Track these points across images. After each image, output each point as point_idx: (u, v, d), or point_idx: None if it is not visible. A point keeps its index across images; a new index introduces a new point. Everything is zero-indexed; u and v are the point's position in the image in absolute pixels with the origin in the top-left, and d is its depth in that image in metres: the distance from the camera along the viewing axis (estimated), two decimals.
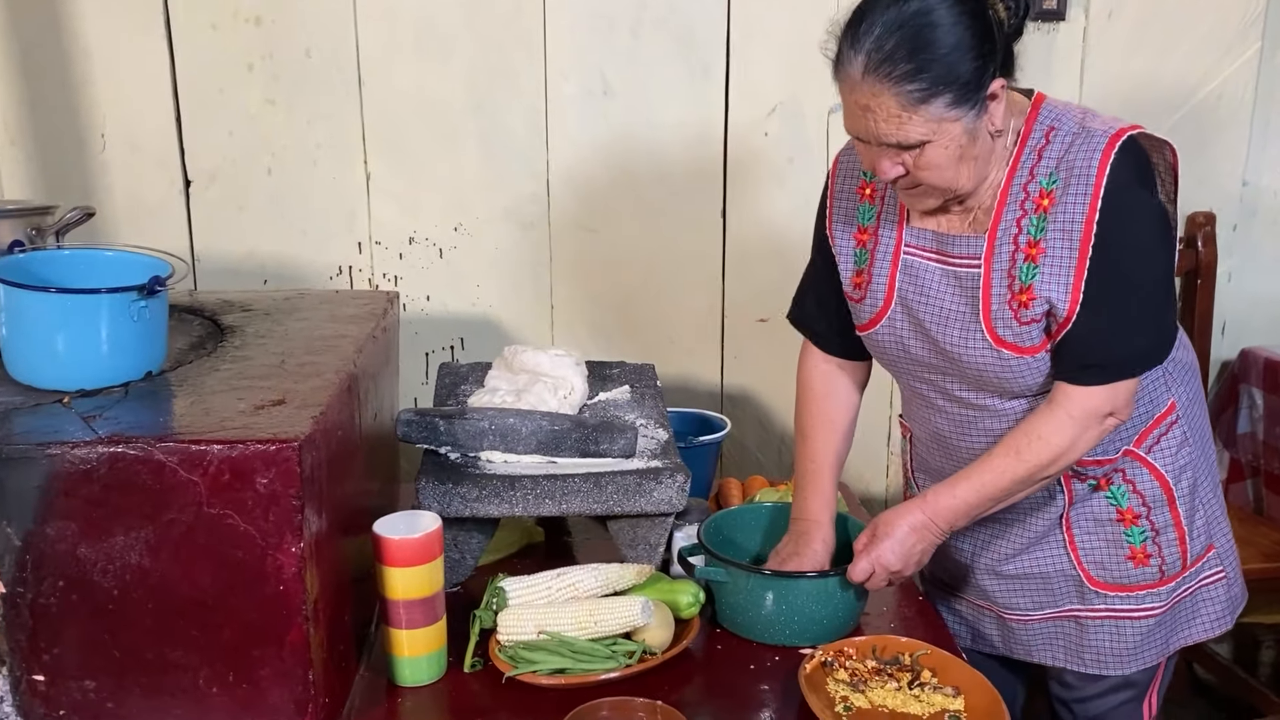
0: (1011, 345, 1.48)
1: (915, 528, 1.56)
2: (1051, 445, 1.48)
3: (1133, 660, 1.62)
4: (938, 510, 1.55)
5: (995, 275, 1.48)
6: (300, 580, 1.30)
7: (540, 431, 1.71)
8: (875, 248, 1.60)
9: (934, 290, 1.54)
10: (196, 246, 2.48)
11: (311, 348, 1.65)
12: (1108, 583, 1.61)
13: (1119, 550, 1.60)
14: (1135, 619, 1.61)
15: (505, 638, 1.55)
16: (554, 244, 2.48)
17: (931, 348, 1.56)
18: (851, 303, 1.65)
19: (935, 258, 1.54)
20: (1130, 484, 1.59)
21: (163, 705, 1.32)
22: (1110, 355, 1.45)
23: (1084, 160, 1.42)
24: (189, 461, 1.26)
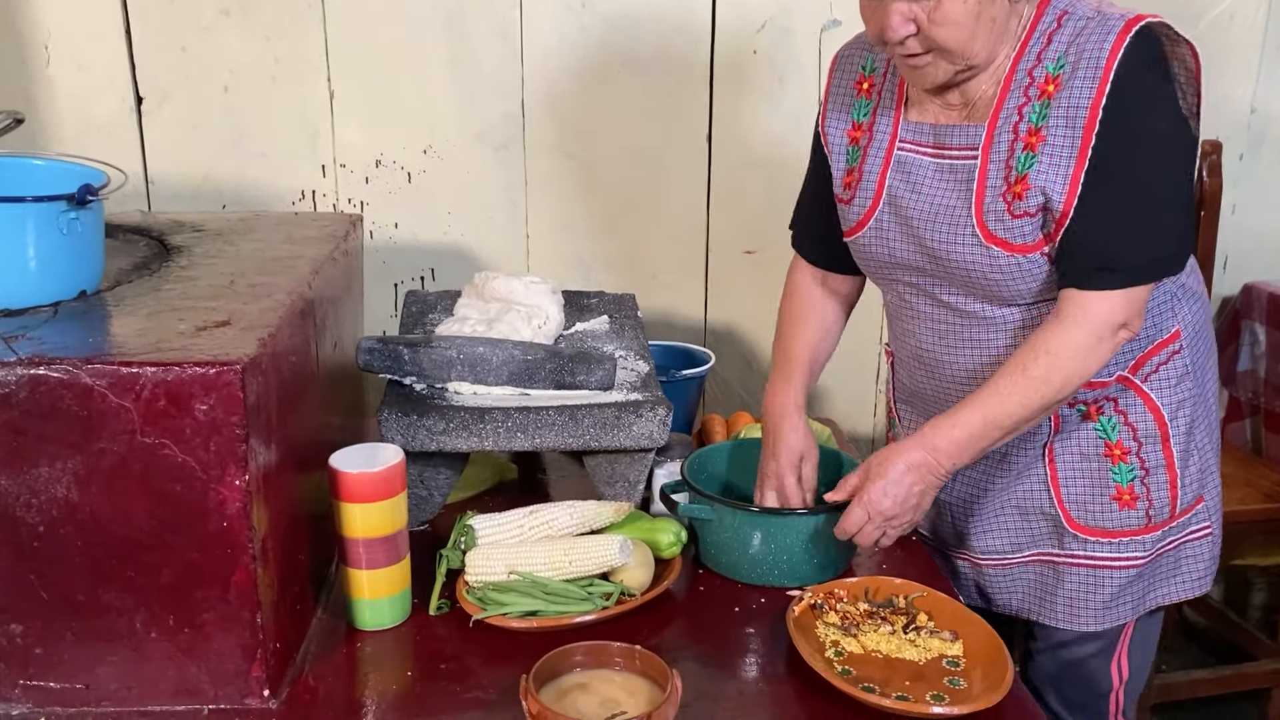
0: (1002, 242, 1.38)
1: (913, 466, 1.41)
2: (1062, 359, 1.35)
3: (1105, 615, 1.51)
4: (937, 444, 1.40)
5: (992, 166, 1.38)
6: (245, 517, 1.19)
7: (512, 361, 1.60)
8: (869, 144, 1.50)
9: (926, 186, 1.44)
10: (150, 169, 2.33)
11: (264, 269, 1.53)
12: (1088, 525, 1.49)
13: (1104, 489, 1.48)
14: (1114, 568, 1.49)
15: (474, 578, 1.45)
16: (529, 168, 2.35)
17: (918, 249, 1.46)
18: (841, 206, 1.56)
19: (931, 151, 1.44)
20: (1122, 415, 1.47)
21: (97, 651, 1.22)
22: (1120, 255, 1.33)
23: (1095, 44, 1.31)
24: (119, 386, 1.15)
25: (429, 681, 1.32)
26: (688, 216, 2.41)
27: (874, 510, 1.41)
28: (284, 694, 1.28)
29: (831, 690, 1.27)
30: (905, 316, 1.55)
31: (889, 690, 1.29)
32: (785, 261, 2.47)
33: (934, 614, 1.43)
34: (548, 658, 1.23)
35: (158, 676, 1.23)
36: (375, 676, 1.34)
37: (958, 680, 1.32)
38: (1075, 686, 1.56)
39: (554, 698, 1.22)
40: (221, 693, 1.24)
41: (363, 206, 2.37)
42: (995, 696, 1.24)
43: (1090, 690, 1.55)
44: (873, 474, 1.42)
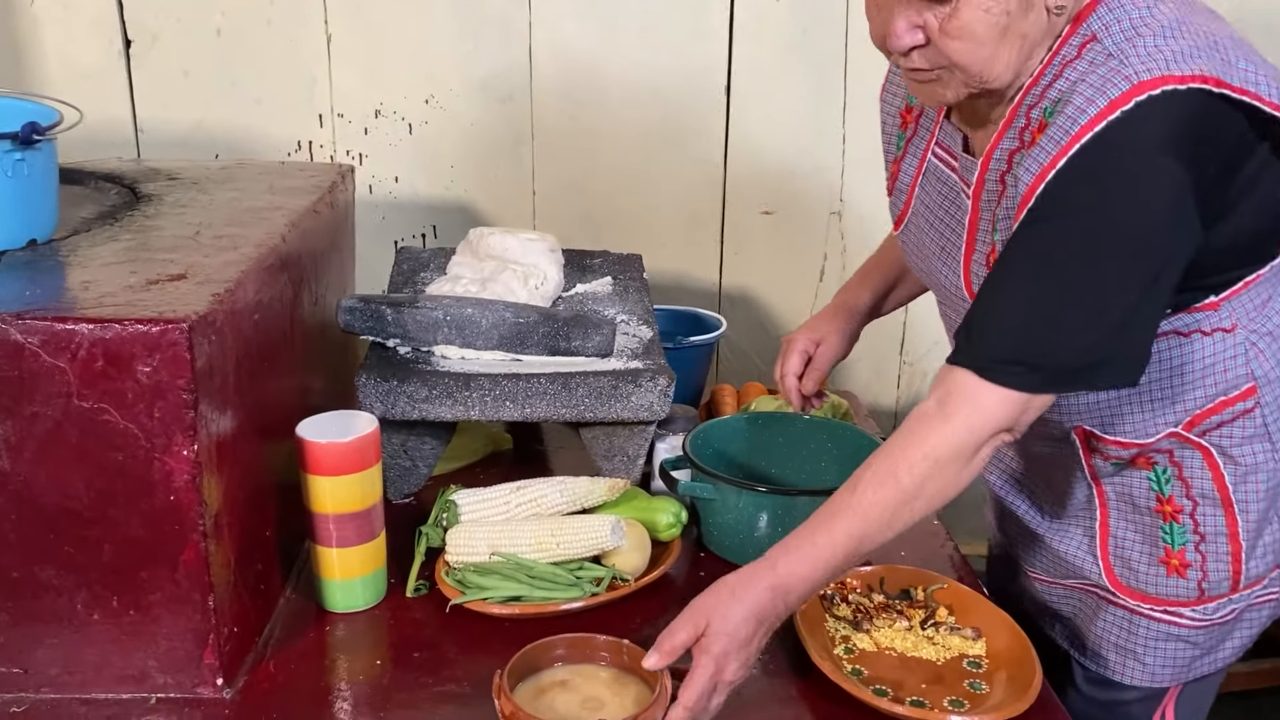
0: None
1: (763, 615, 1.08)
2: (941, 467, 1.08)
3: (1137, 669, 1.28)
4: (789, 582, 1.09)
5: (983, 216, 1.17)
6: (194, 489, 1.08)
7: (502, 324, 1.48)
8: (912, 137, 1.31)
9: (942, 210, 1.25)
10: (140, 116, 2.22)
11: (236, 220, 1.41)
12: (1130, 587, 1.26)
13: (1152, 549, 1.24)
14: (1155, 619, 1.26)
15: (454, 559, 1.34)
16: (536, 120, 2.22)
17: (935, 275, 1.29)
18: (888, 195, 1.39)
19: (953, 165, 1.24)
20: (1177, 467, 1.22)
21: (35, 633, 1.12)
22: (1038, 350, 1.06)
23: (1083, 99, 1.03)
24: (53, 343, 1.04)
25: (400, 671, 1.21)
26: (703, 173, 2.28)
27: (722, 681, 1.08)
28: (240, 682, 1.17)
29: (839, 692, 1.15)
30: (947, 326, 1.37)
31: (902, 694, 1.17)
32: (805, 223, 2.34)
33: (955, 608, 1.31)
34: (524, 652, 1.12)
35: (101, 662, 1.13)
36: (342, 665, 1.23)
37: (979, 684, 1.20)
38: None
39: (531, 695, 1.11)
40: (171, 680, 1.14)
41: (361, 159, 2.25)
42: (1021, 705, 1.12)
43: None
44: (713, 634, 1.07)
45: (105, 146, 2.17)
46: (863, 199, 2.30)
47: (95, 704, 1.13)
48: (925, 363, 2.43)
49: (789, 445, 1.57)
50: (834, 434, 1.55)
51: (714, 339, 1.86)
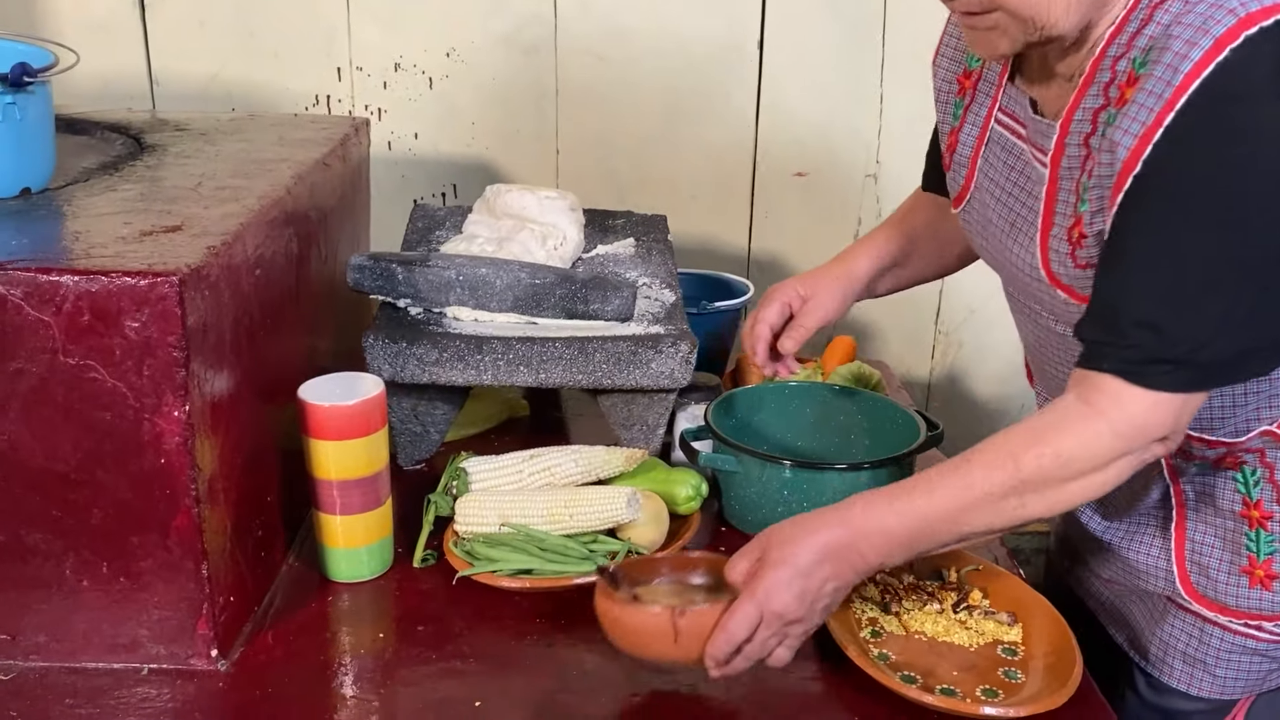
0: (1067, 289, 1.07)
1: (831, 553, 1.01)
2: (1071, 469, 0.98)
3: (1207, 680, 1.19)
4: (868, 531, 1.02)
5: (1063, 185, 1.05)
6: (186, 452, 1.02)
7: (518, 285, 1.41)
8: (970, 104, 1.20)
9: (1009, 182, 1.13)
10: (154, 67, 2.16)
11: (241, 171, 1.35)
12: (1207, 597, 1.17)
13: (1234, 556, 1.15)
14: (1230, 631, 1.17)
15: (463, 529, 1.28)
16: (561, 74, 2.14)
17: (999, 255, 1.17)
18: (945, 170, 1.27)
19: (1021, 133, 1.13)
20: (1269, 469, 1.13)
21: (22, 599, 1.07)
22: (1188, 344, 0.95)
23: (1182, 42, 0.91)
24: (37, 296, 0.98)
25: (403, 645, 1.16)
26: (734, 132, 2.19)
27: (770, 610, 1.00)
28: (236, 653, 1.12)
29: (865, 679, 1.08)
30: (1012, 307, 1.27)
31: (932, 681, 1.10)
32: (840, 187, 2.25)
33: (990, 591, 1.24)
34: (630, 562, 1.12)
35: (91, 630, 1.08)
36: (344, 636, 1.18)
37: (1014, 672, 1.13)
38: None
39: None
40: (163, 651, 1.09)
41: (380, 114, 2.18)
42: (1059, 697, 1.05)
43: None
44: (771, 558, 1.02)
45: (120, 99, 2.12)
46: (900, 162, 2.20)
47: (85, 673, 1.08)
48: (961, 332, 2.34)
49: (817, 417, 1.49)
50: (865, 406, 1.48)
51: (740, 305, 1.79)
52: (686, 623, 1.01)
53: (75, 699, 1.05)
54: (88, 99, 1.78)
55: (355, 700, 1.08)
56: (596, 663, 1.14)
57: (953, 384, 2.40)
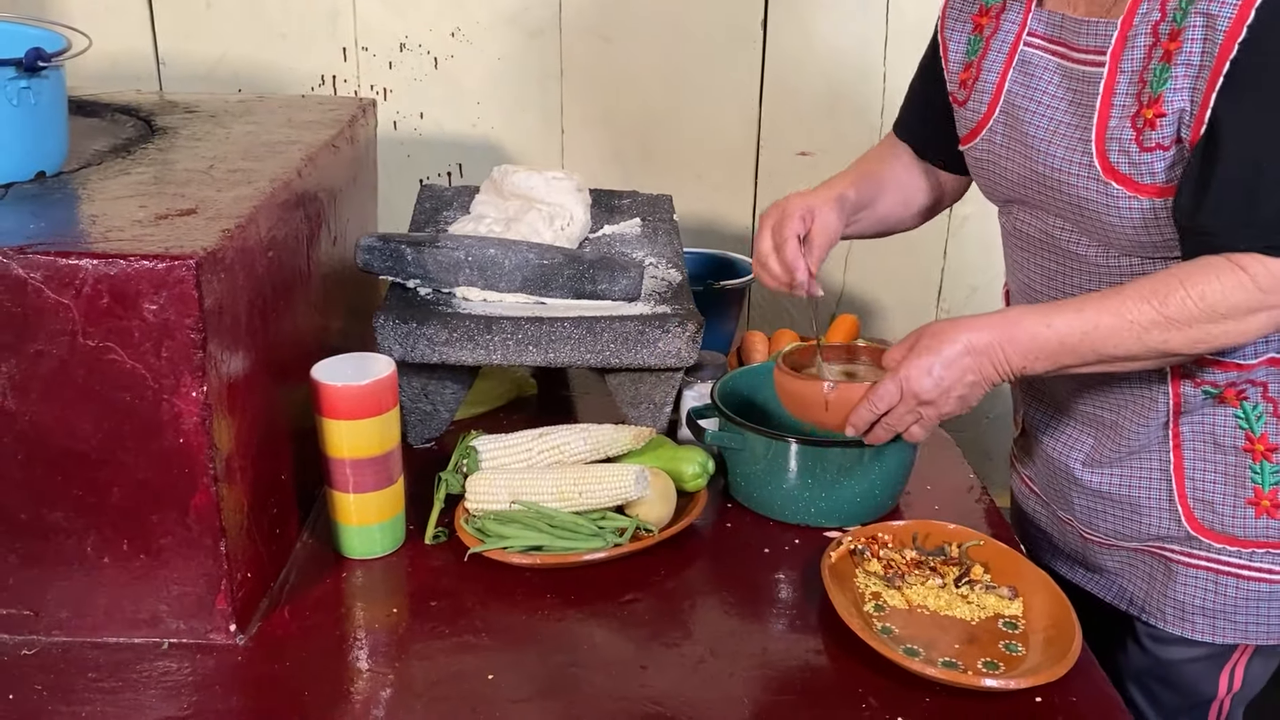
0: (1125, 179, 1.11)
1: (976, 350, 1.10)
2: (1213, 316, 1.05)
3: (1223, 627, 1.23)
4: (1016, 336, 1.10)
5: (1122, 78, 1.10)
6: (204, 432, 1.04)
7: (526, 266, 1.43)
8: (993, 34, 1.24)
9: (1047, 94, 1.18)
10: (161, 49, 2.17)
11: (252, 154, 1.36)
12: (1214, 530, 1.21)
13: (1239, 489, 1.19)
14: (1242, 577, 1.21)
15: (474, 506, 1.30)
16: (565, 54, 2.15)
17: (1030, 173, 1.21)
18: (955, 109, 1.31)
19: (1058, 50, 1.17)
20: (1272, 403, 1.17)
21: (44, 576, 1.09)
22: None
23: None
24: (57, 279, 1.00)
25: (416, 620, 1.18)
26: (738, 111, 2.20)
27: (909, 389, 1.13)
28: (254, 628, 1.15)
29: (868, 651, 1.11)
30: (1015, 245, 1.31)
31: (934, 654, 1.13)
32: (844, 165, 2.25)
33: (991, 566, 1.26)
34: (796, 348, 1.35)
35: (112, 606, 1.11)
36: (358, 612, 1.20)
37: (1015, 645, 1.15)
38: (1170, 689, 1.31)
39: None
40: (183, 626, 1.12)
41: (386, 94, 2.19)
42: (1059, 669, 1.07)
43: (1188, 696, 1.31)
44: (921, 347, 1.13)
45: (127, 80, 2.12)
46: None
47: (106, 648, 1.11)
48: (963, 310, 2.35)
49: None
50: None
51: (745, 284, 1.80)
52: (836, 396, 1.22)
53: (98, 673, 1.08)
54: (95, 80, 1.79)
55: (370, 674, 1.10)
56: (606, 637, 1.16)
57: None
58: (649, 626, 1.18)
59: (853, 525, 1.35)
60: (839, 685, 1.10)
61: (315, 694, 1.07)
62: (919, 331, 1.16)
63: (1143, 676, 1.32)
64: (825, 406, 1.22)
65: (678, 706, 1.06)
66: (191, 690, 1.07)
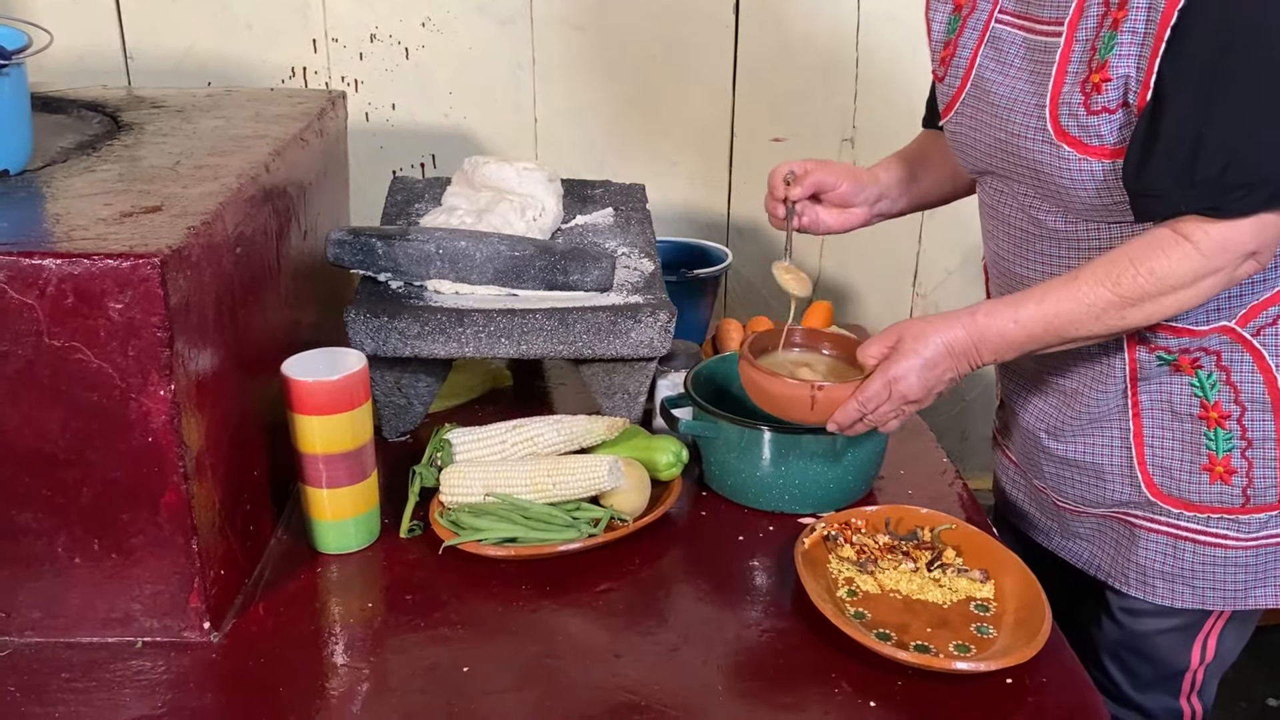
0: (1075, 141, 1.14)
1: (954, 351, 1.17)
2: (1164, 287, 1.10)
3: (1185, 592, 1.27)
4: (987, 335, 1.16)
5: (1077, 46, 1.14)
6: (173, 430, 1.04)
7: (498, 258, 1.43)
8: (970, 14, 1.28)
9: (1012, 66, 1.22)
10: (128, 41, 2.15)
11: (219, 149, 1.35)
12: (1172, 495, 1.25)
13: (1194, 456, 1.24)
14: (1200, 543, 1.25)
15: (448, 499, 1.30)
16: (537, 43, 2.14)
17: (996, 143, 1.24)
18: (936, 83, 1.35)
19: (1024, 24, 1.21)
20: (1224, 372, 1.21)
21: (15, 576, 1.09)
22: (1256, 166, 1.05)
23: None
24: (21, 279, 0.99)
25: (391, 614, 1.18)
26: (711, 99, 2.20)
27: (898, 390, 1.18)
28: (228, 625, 1.15)
29: (841, 636, 1.12)
30: (988, 216, 1.35)
31: (907, 638, 1.14)
32: (817, 151, 2.26)
33: (963, 550, 1.27)
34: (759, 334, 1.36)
35: (84, 605, 1.10)
36: (333, 607, 1.20)
37: (986, 628, 1.16)
38: (1143, 661, 1.34)
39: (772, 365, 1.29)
40: (156, 624, 1.11)
41: (357, 85, 2.18)
42: (1029, 650, 1.08)
43: (1161, 667, 1.34)
44: (904, 348, 1.19)
45: (95, 75, 2.11)
46: (875, 125, 2.22)
47: (80, 648, 1.10)
48: (939, 294, 2.37)
49: None
50: None
51: (719, 272, 1.81)
52: (823, 396, 1.22)
53: (71, 673, 1.08)
54: (61, 75, 1.77)
55: (346, 668, 1.11)
56: (582, 627, 1.17)
57: None
58: (624, 616, 1.18)
59: (826, 511, 1.35)
60: (812, 670, 1.10)
61: (291, 690, 1.07)
62: (897, 331, 1.20)
63: (1117, 649, 1.35)
64: (811, 406, 1.23)
65: (652, 694, 1.07)
66: (166, 689, 1.07)
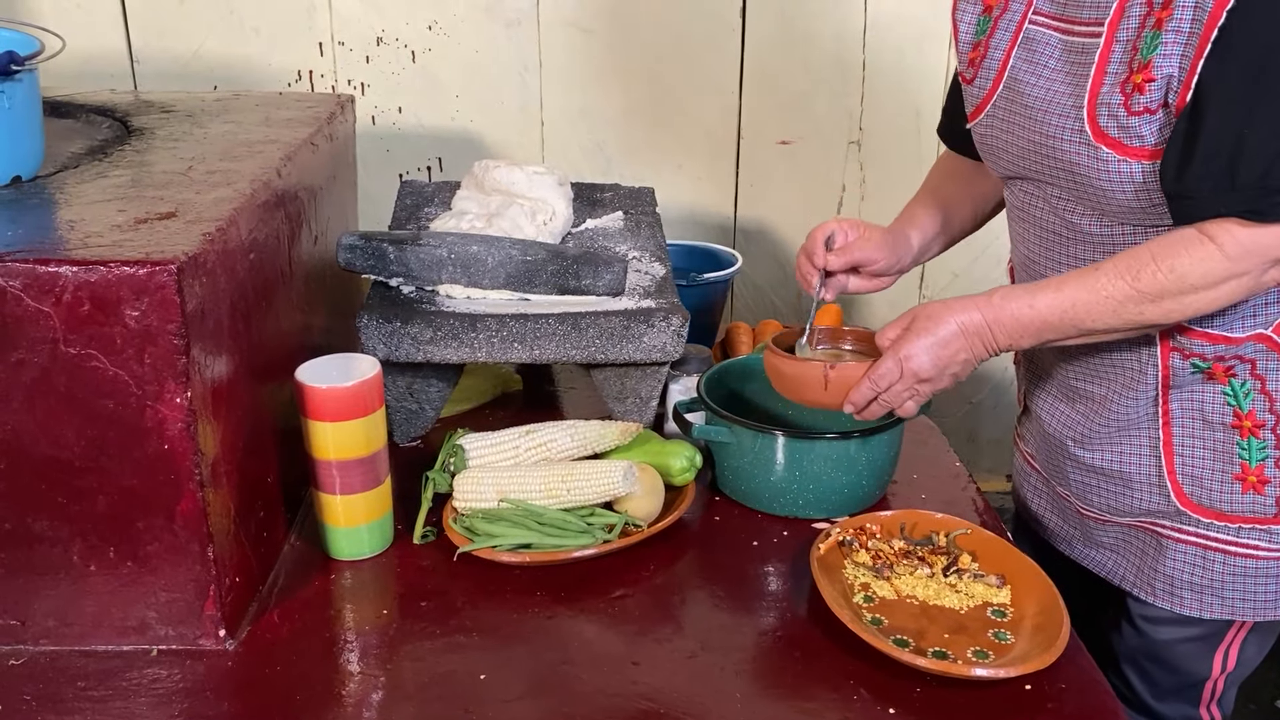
0: (1114, 142, 1.12)
1: (968, 331, 1.17)
2: (1185, 285, 1.09)
3: (1213, 602, 1.25)
4: (1002, 318, 1.16)
5: (1117, 47, 1.12)
6: (189, 438, 1.04)
7: (510, 262, 1.42)
8: (1002, 14, 1.26)
9: (1048, 68, 1.20)
10: (134, 45, 2.15)
11: (230, 154, 1.35)
12: (1202, 505, 1.23)
13: (1226, 465, 1.21)
14: (1230, 553, 1.23)
15: (462, 505, 1.30)
16: (544, 46, 2.14)
17: (1030, 144, 1.23)
18: (964, 87, 1.33)
19: (1061, 26, 1.19)
20: (1259, 380, 1.19)
21: (32, 585, 1.09)
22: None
23: None
24: (37, 287, 0.99)
25: (406, 621, 1.18)
26: (718, 101, 2.20)
27: (909, 368, 1.18)
28: (243, 633, 1.14)
29: (858, 642, 1.11)
30: (1017, 219, 1.33)
31: (924, 644, 1.13)
32: (824, 153, 2.27)
33: (979, 555, 1.27)
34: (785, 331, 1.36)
35: (100, 613, 1.10)
36: (348, 614, 1.20)
37: (1004, 634, 1.16)
38: (1163, 669, 1.33)
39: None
40: (172, 632, 1.11)
41: (364, 88, 2.18)
42: (1048, 657, 1.08)
43: (1181, 676, 1.33)
44: (917, 327, 1.19)
45: (101, 78, 2.10)
46: (882, 127, 2.22)
47: (95, 656, 1.10)
48: (946, 295, 2.36)
49: None
50: None
51: (729, 275, 1.80)
52: (835, 375, 1.23)
53: (87, 681, 1.07)
54: (69, 79, 1.77)
55: (361, 675, 1.10)
56: (597, 633, 1.16)
57: None
58: (639, 622, 1.18)
59: (840, 516, 1.35)
60: (830, 677, 1.10)
61: (306, 697, 1.07)
62: (913, 313, 1.21)
63: (1136, 657, 1.34)
64: (824, 386, 1.24)
65: (670, 702, 1.06)
66: (182, 697, 1.06)
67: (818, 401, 1.26)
